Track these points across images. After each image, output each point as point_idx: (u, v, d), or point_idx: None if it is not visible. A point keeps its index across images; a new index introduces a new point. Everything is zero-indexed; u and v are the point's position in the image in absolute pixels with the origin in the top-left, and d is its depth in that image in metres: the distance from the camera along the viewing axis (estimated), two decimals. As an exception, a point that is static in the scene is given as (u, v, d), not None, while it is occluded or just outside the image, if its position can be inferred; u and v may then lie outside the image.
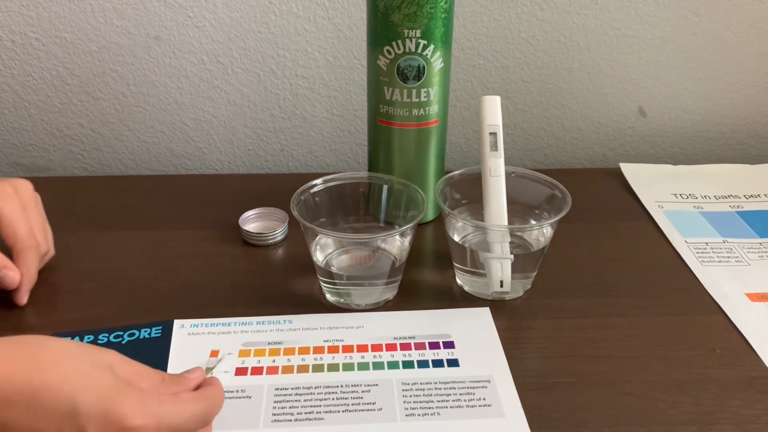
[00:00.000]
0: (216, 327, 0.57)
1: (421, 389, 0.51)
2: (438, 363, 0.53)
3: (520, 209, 0.63)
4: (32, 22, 0.79)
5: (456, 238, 0.61)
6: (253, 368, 0.53)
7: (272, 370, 0.53)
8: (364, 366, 0.53)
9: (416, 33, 0.62)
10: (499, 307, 0.60)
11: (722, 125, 0.90)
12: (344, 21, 0.81)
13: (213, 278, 0.63)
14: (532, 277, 0.61)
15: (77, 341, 0.46)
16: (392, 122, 0.66)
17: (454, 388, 0.51)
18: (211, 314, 0.58)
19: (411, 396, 0.50)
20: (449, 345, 0.55)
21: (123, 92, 0.83)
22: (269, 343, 0.55)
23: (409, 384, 0.51)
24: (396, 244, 0.60)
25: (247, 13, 0.80)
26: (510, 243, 0.58)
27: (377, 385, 0.51)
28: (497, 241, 0.58)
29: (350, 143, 0.88)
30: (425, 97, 0.65)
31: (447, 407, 0.49)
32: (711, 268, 0.65)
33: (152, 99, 0.84)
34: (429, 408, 0.49)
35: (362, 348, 0.55)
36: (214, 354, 0.54)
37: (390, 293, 0.60)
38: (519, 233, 0.62)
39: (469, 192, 0.63)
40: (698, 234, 0.70)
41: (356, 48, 0.82)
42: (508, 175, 0.61)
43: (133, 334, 0.55)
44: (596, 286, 0.63)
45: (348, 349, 0.55)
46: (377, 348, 0.55)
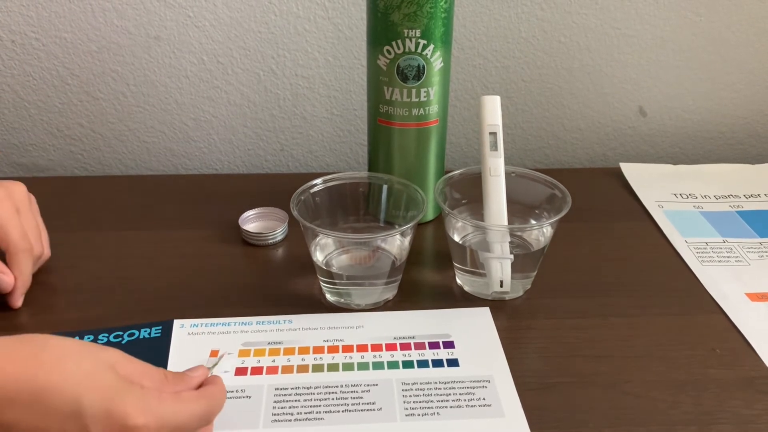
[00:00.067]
0: (216, 327, 0.57)
1: (421, 389, 0.51)
2: (438, 363, 0.53)
3: (520, 209, 0.63)
4: (32, 22, 0.79)
5: (456, 238, 0.61)
6: (253, 368, 0.53)
7: (272, 370, 0.53)
8: (364, 366, 0.53)
9: (416, 33, 0.62)
10: (499, 307, 0.60)
11: (722, 125, 0.90)
12: (344, 21, 0.81)
13: (213, 278, 0.63)
14: (532, 277, 0.61)
15: (79, 340, 0.46)
16: (392, 122, 0.66)
17: (454, 388, 0.51)
18: (211, 314, 0.58)
19: (411, 396, 0.50)
20: (449, 345, 0.55)
21: (123, 92, 0.83)
22: (269, 343, 0.55)
23: (409, 384, 0.51)
24: (396, 244, 0.60)
25: (247, 13, 0.80)
26: (510, 243, 0.58)
27: (377, 385, 0.51)
28: (497, 241, 0.58)
29: (350, 143, 0.88)
30: (425, 97, 0.65)
31: (447, 407, 0.49)
32: (711, 268, 0.65)
33: (152, 99, 0.84)
34: (429, 408, 0.49)
35: (362, 348, 0.55)
36: (214, 354, 0.54)
37: (390, 293, 0.60)
38: (519, 233, 0.62)
39: (469, 192, 0.63)
40: (698, 234, 0.70)
41: (356, 48, 0.82)
42: (508, 175, 0.61)
43: (133, 334, 0.55)
44: (596, 286, 0.63)
45: (348, 349, 0.55)
46: (377, 348, 0.55)
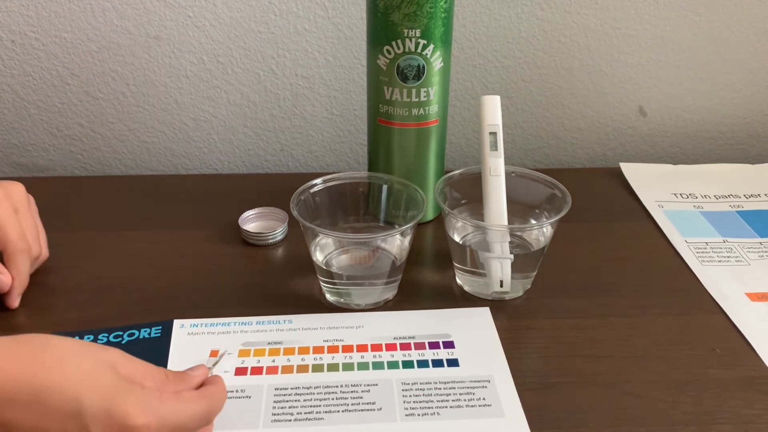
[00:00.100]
0: (216, 327, 0.57)
1: (421, 389, 0.51)
2: (438, 363, 0.53)
3: (520, 209, 0.63)
4: (32, 22, 0.79)
5: (456, 238, 0.61)
6: (253, 368, 0.53)
7: (272, 370, 0.53)
8: (364, 366, 0.53)
9: (416, 32, 0.62)
10: (499, 307, 0.60)
11: (722, 125, 0.90)
12: (344, 21, 0.81)
13: (213, 278, 0.63)
14: (532, 277, 0.61)
15: (79, 340, 0.46)
16: (392, 122, 0.66)
17: (454, 388, 0.51)
18: (211, 314, 0.58)
19: (411, 396, 0.50)
20: (449, 345, 0.55)
21: (123, 92, 0.83)
22: (269, 343, 0.55)
23: (409, 384, 0.51)
24: (396, 244, 0.60)
25: (247, 13, 0.80)
26: (510, 243, 0.58)
27: (377, 385, 0.51)
28: (497, 241, 0.58)
29: (350, 143, 0.88)
30: (425, 97, 0.65)
31: (447, 407, 0.49)
32: (711, 268, 0.65)
33: (152, 99, 0.84)
34: (429, 408, 0.49)
35: (362, 348, 0.55)
36: (214, 354, 0.54)
37: (390, 293, 0.60)
38: (519, 233, 0.62)
39: (469, 192, 0.63)
40: (698, 234, 0.70)
41: (356, 48, 0.82)
42: (508, 175, 0.61)
43: (133, 334, 0.55)
44: (596, 286, 0.63)
45: (348, 349, 0.55)
46: (377, 348, 0.55)
